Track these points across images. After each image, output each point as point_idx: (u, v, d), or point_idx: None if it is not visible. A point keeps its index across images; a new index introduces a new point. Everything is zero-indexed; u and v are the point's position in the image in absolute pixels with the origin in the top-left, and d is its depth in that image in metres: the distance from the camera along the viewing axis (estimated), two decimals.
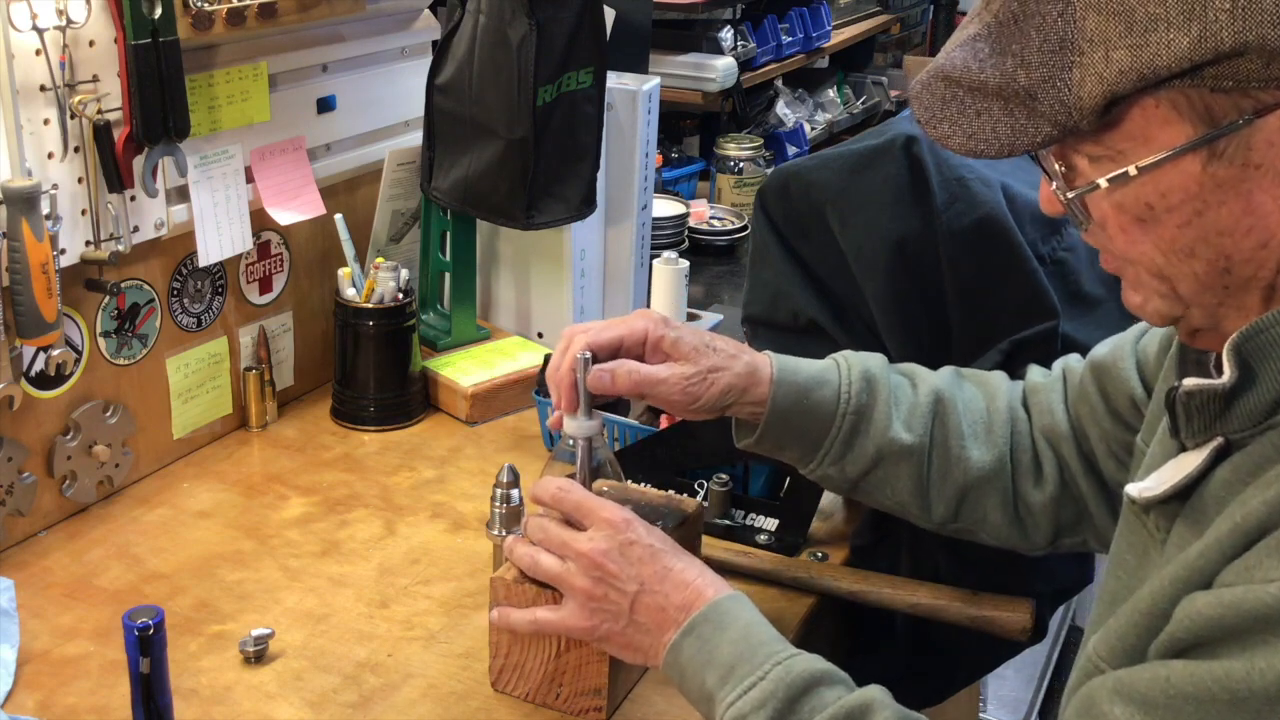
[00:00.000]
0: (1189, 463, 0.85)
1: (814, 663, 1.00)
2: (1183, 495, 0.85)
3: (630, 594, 1.05)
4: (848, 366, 1.19)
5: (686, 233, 2.31)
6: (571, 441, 1.16)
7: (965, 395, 1.22)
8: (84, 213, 1.37)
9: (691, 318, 1.79)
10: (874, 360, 1.21)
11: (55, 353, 1.37)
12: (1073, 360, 1.22)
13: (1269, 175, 0.77)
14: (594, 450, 1.17)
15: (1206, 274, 0.82)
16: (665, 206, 2.27)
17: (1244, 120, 0.76)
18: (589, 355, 1.13)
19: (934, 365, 1.39)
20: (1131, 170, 0.80)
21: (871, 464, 1.18)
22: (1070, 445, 1.18)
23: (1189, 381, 0.84)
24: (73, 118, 1.33)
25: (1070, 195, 0.84)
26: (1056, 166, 0.84)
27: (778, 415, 1.17)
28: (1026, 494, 1.19)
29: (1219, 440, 0.83)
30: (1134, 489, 0.90)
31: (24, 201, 1.25)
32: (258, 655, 1.21)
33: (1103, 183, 0.81)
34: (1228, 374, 0.81)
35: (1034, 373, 1.25)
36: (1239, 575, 0.75)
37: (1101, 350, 1.16)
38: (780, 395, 1.16)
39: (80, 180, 1.36)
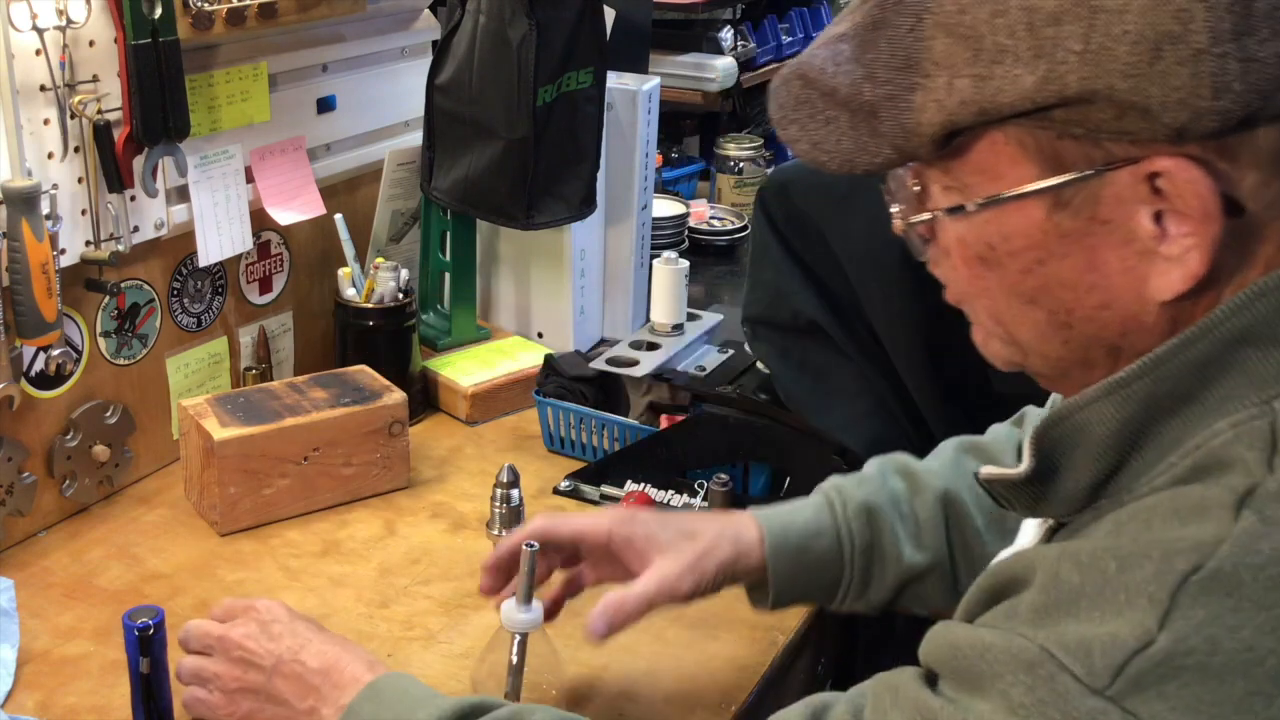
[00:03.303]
0: (1033, 535, 0.84)
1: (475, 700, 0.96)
2: None
3: (267, 668, 1.02)
4: (842, 504, 1.13)
5: (686, 233, 2.31)
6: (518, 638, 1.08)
7: (972, 482, 1.14)
8: (84, 213, 1.37)
9: (692, 318, 1.79)
10: (869, 484, 1.15)
11: (55, 353, 1.37)
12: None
13: (1116, 234, 0.71)
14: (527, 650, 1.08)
15: (1048, 324, 0.77)
16: (665, 206, 2.27)
17: (1094, 171, 0.70)
18: (536, 546, 1.07)
19: (938, 366, 1.39)
20: (969, 205, 0.75)
21: (895, 591, 1.13)
22: None
23: (986, 470, 0.82)
24: (73, 118, 1.33)
25: (910, 221, 0.80)
26: (911, 188, 0.79)
27: (784, 580, 1.11)
28: None
29: (1050, 521, 0.81)
30: (1002, 553, 0.88)
31: (24, 201, 1.25)
32: None
33: (940, 214, 0.77)
34: (1025, 464, 0.78)
35: (1032, 420, 1.17)
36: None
37: None
38: (780, 564, 1.10)
39: (80, 180, 1.36)
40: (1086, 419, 0.75)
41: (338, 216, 1.65)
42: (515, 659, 1.08)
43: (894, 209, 0.81)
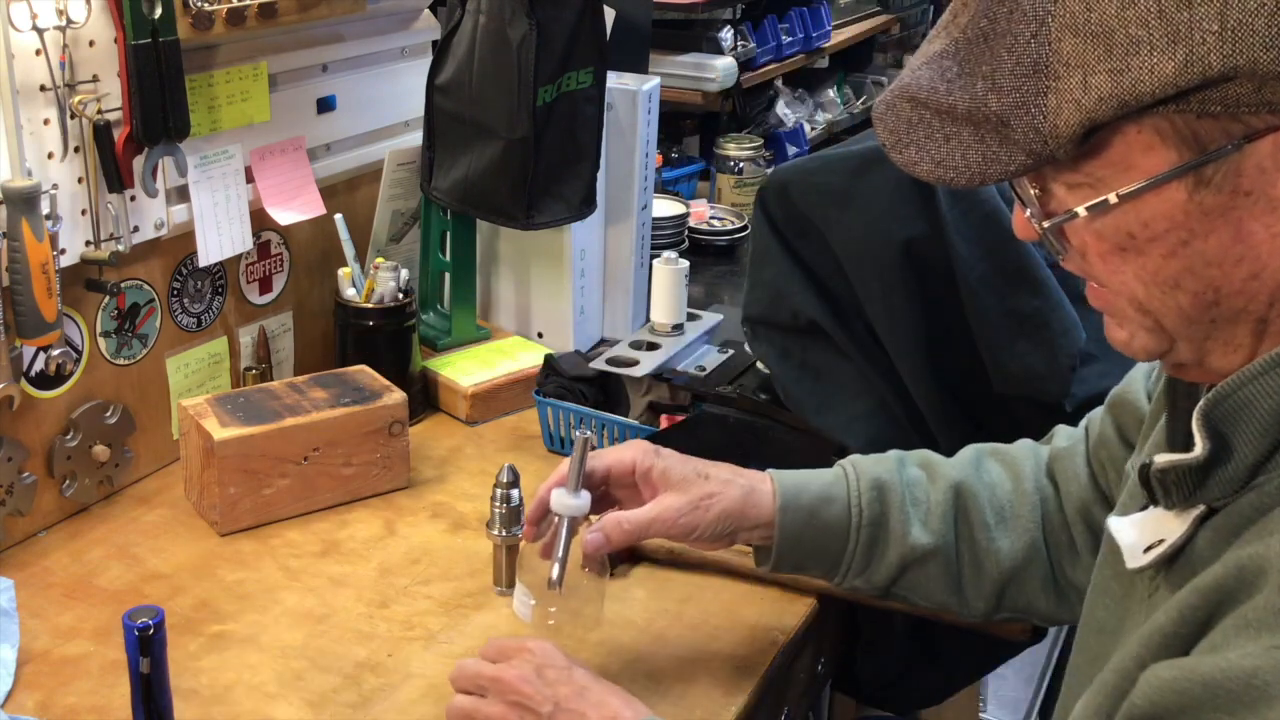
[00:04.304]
0: (1171, 526, 0.82)
1: None
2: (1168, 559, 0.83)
3: (546, 714, 1.01)
4: (856, 476, 1.16)
5: (686, 233, 2.31)
6: (558, 519, 1.11)
7: (989, 480, 1.17)
8: (84, 213, 1.37)
9: (692, 318, 1.79)
10: (885, 463, 1.18)
11: (55, 353, 1.37)
12: (1097, 411, 1.17)
13: (1260, 202, 0.72)
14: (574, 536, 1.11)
15: (1192, 307, 0.77)
16: (665, 206, 2.27)
17: (1233, 146, 0.71)
18: (590, 434, 1.10)
19: (938, 366, 1.38)
20: (1112, 198, 0.75)
21: (897, 571, 1.15)
22: (1100, 507, 1.12)
23: (1161, 458, 0.80)
24: (73, 118, 1.33)
25: (1047, 225, 0.80)
26: (1032, 192, 0.80)
27: (789, 540, 1.14)
28: (1068, 573, 1.15)
29: (1201, 508, 0.80)
30: (1127, 552, 0.86)
31: (24, 201, 1.25)
32: None
33: (1081, 211, 0.77)
34: (1200, 447, 0.77)
35: (1060, 437, 1.20)
36: (1207, 653, 0.72)
37: (1117, 386, 1.11)
38: (788, 520, 1.14)
39: (80, 180, 1.36)
40: (1251, 394, 0.76)
41: (338, 216, 1.65)
42: (562, 545, 1.09)
43: (1026, 214, 0.81)
